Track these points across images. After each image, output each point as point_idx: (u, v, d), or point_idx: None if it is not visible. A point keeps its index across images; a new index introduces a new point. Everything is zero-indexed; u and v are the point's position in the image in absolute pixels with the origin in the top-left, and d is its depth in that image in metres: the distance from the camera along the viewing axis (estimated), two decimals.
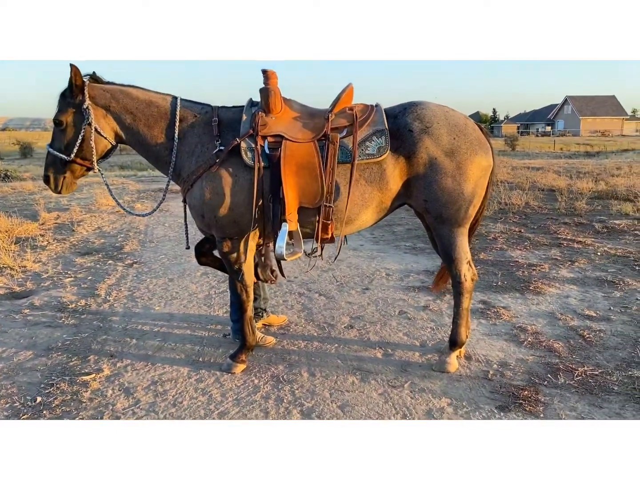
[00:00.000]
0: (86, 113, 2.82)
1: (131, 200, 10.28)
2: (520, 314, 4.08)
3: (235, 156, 2.82)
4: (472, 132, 2.90)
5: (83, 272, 5.39)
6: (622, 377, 3.06)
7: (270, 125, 2.83)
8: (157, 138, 2.95)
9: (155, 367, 3.27)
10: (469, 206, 2.89)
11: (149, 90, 3.02)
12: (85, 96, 2.82)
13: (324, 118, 2.86)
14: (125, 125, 2.93)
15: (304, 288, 4.79)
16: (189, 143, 2.93)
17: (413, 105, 2.93)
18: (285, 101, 2.98)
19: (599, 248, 5.97)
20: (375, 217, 3.01)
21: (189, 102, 3.04)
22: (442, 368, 3.17)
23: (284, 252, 2.79)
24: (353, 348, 3.52)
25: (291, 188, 2.78)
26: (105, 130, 2.90)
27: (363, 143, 2.80)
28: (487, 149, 2.93)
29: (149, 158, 3.06)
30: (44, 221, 7.94)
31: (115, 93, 2.91)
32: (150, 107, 2.94)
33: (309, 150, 2.77)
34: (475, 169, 2.85)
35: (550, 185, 10.91)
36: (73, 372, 3.19)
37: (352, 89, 2.99)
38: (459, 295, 3.08)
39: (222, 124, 2.92)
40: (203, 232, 3.10)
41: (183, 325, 3.95)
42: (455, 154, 2.82)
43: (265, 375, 3.15)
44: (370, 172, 2.84)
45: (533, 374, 3.11)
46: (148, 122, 2.93)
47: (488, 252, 5.90)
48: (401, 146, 2.83)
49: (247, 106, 2.97)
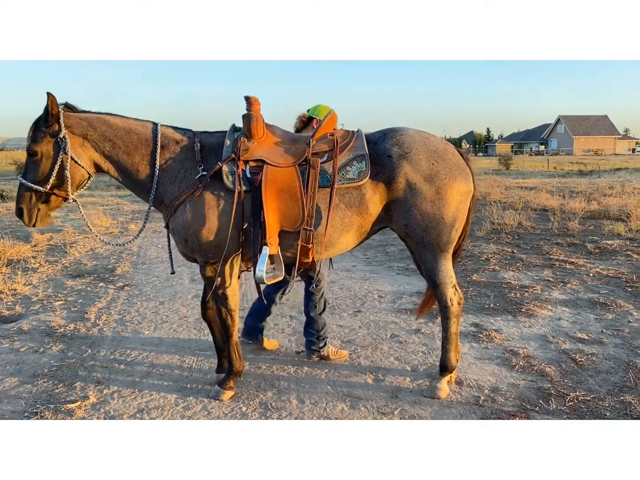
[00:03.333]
0: (62, 142, 2.76)
1: (125, 221, 10.27)
2: (512, 337, 4.06)
3: (218, 181, 2.83)
4: (452, 157, 2.92)
5: (74, 295, 5.34)
6: (614, 402, 3.03)
7: (252, 150, 2.86)
8: (138, 165, 2.93)
9: (142, 394, 3.22)
10: (450, 231, 2.89)
11: (127, 118, 3.00)
12: (61, 125, 2.77)
13: (305, 143, 2.89)
14: (104, 153, 2.90)
15: (295, 311, 4.76)
16: (171, 169, 2.93)
17: (393, 132, 2.97)
18: (267, 127, 3.01)
19: (591, 269, 5.98)
20: (356, 240, 3.01)
21: (169, 127, 3.04)
22: (433, 394, 3.14)
23: (264, 275, 2.80)
24: (343, 373, 3.49)
25: (272, 212, 2.80)
26: (83, 160, 2.86)
27: (344, 168, 2.83)
28: (466, 174, 2.94)
29: (130, 185, 3.03)
30: (36, 243, 7.91)
31: (92, 121, 2.88)
32: (129, 134, 2.92)
33: (290, 175, 2.80)
34: (455, 194, 2.86)
35: (543, 205, 10.97)
36: (58, 400, 3.13)
37: (335, 116, 3.06)
38: (447, 320, 3.06)
39: (205, 149, 2.94)
40: (186, 257, 3.08)
41: (172, 350, 3.91)
42: (434, 179, 2.83)
43: (253, 402, 3.11)
44: (350, 197, 2.86)
45: (524, 400, 3.08)
46: (128, 150, 2.91)
47: (480, 274, 5.89)
48: (381, 171, 2.85)
49: (230, 131, 2.99)
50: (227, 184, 2.81)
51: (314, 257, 2.91)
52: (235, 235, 2.86)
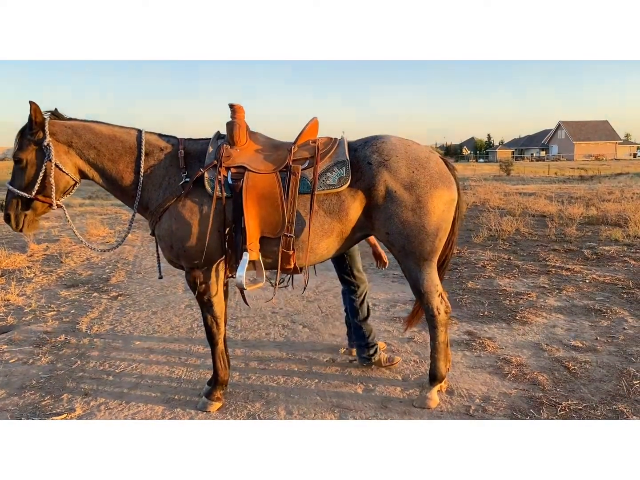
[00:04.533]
0: (47, 150, 2.80)
1: (122, 230, 10.26)
2: (506, 344, 4.02)
3: (202, 187, 2.84)
4: (434, 166, 2.88)
5: (67, 305, 5.32)
6: (607, 411, 2.99)
7: (234, 157, 2.86)
8: (123, 172, 2.94)
9: (129, 405, 3.19)
10: (434, 240, 2.86)
11: (113, 125, 3.02)
12: (45, 133, 2.80)
13: (287, 150, 2.89)
14: (89, 160, 2.92)
15: (288, 320, 4.73)
16: (155, 176, 2.93)
17: (374, 139, 2.95)
18: (250, 134, 3.02)
19: (587, 275, 5.93)
20: (337, 246, 2.98)
21: (154, 134, 3.05)
22: (423, 404, 3.10)
23: (244, 281, 2.79)
24: (334, 383, 3.45)
25: (252, 218, 2.79)
26: (67, 167, 2.88)
27: (324, 174, 2.82)
28: (449, 182, 2.90)
29: (115, 192, 3.05)
30: (32, 253, 7.90)
31: (77, 129, 2.91)
32: (114, 141, 2.94)
33: (270, 181, 2.79)
34: (437, 203, 2.83)
35: (542, 211, 10.94)
36: (44, 412, 3.10)
37: (317, 122, 3.06)
38: (434, 329, 3.03)
39: (189, 156, 2.94)
40: (172, 263, 3.07)
41: (162, 360, 3.88)
42: (415, 187, 2.80)
43: (241, 414, 3.07)
44: (329, 203, 2.84)
45: (515, 409, 3.04)
46: (112, 157, 2.93)
47: (476, 281, 5.86)
48: (361, 178, 2.84)
49: (214, 139, 3.00)
50: (209, 190, 2.81)
51: (296, 264, 2.89)
52: (219, 241, 2.86)
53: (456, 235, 3.12)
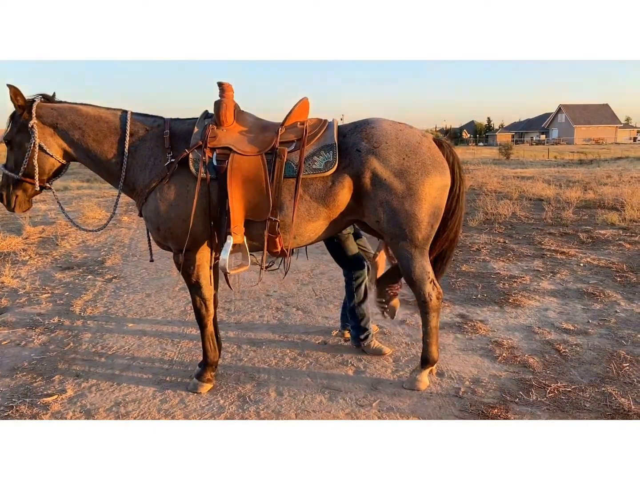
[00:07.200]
0: (32, 132, 2.82)
1: (119, 213, 10.21)
2: (497, 327, 4.03)
3: (187, 168, 2.81)
4: (426, 151, 2.81)
5: (61, 287, 5.32)
6: (595, 393, 3.01)
7: (220, 137, 2.81)
8: (107, 153, 2.93)
9: (120, 387, 3.21)
10: (425, 227, 2.81)
11: (99, 107, 3.00)
12: (32, 115, 2.82)
13: (274, 132, 2.83)
14: (74, 141, 2.91)
15: (282, 302, 4.74)
16: (141, 156, 2.91)
17: (364, 124, 2.88)
18: (239, 114, 2.96)
19: (582, 259, 5.93)
20: (324, 229, 2.92)
21: (140, 115, 3.02)
22: (412, 385, 3.12)
23: (227, 264, 2.76)
24: (325, 365, 3.46)
25: (237, 201, 2.75)
26: (52, 149, 2.89)
27: (310, 158, 2.76)
28: (442, 168, 2.83)
29: (100, 173, 3.04)
30: (28, 235, 7.88)
31: (63, 110, 2.91)
32: (99, 122, 2.92)
33: (255, 164, 2.74)
34: (429, 189, 2.76)
35: (539, 195, 10.90)
36: (35, 394, 3.12)
37: (307, 102, 2.98)
38: (426, 315, 3.02)
39: (175, 137, 2.90)
40: (160, 245, 3.06)
41: (155, 342, 3.89)
42: (405, 174, 2.74)
43: (231, 395, 3.09)
44: (315, 188, 2.79)
45: (505, 391, 3.06)
46: (97, 138, 2.91)
47: (470, 264, 5.86)
48: (349, 165, 2.77)
49: (201, 118, 2.95)
50: (193, 171, 2.78)
51: (283, 247, 2.87)
52: (205, 223, 2.83)
53: (457, 223, 3.03)
